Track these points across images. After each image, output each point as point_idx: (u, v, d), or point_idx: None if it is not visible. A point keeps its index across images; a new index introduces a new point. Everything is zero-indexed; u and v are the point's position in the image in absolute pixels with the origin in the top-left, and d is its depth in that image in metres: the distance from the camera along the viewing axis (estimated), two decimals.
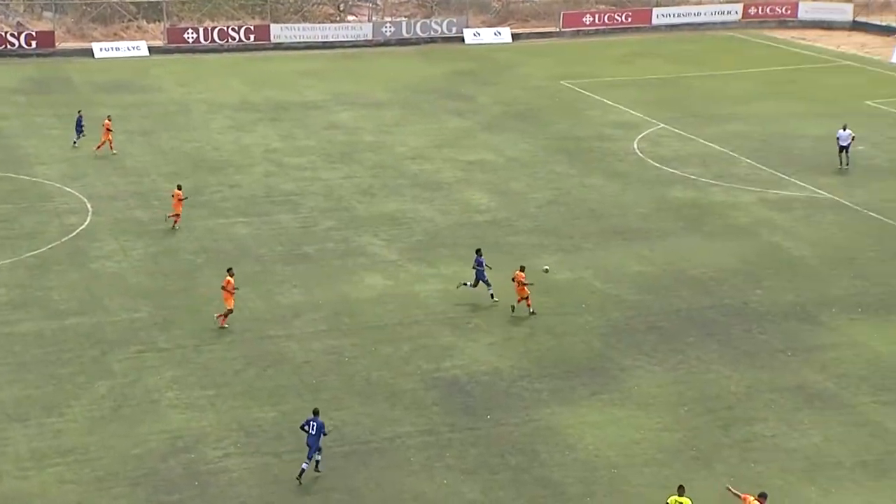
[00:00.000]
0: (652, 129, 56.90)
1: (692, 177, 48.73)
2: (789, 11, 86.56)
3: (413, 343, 33.20)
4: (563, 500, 25.52)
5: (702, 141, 54.48)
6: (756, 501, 22.91)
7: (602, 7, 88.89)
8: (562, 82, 68.27)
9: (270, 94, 65.16)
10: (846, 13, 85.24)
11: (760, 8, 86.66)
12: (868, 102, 61.28)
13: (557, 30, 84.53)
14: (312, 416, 26.43)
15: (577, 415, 29.08)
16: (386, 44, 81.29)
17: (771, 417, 28.66)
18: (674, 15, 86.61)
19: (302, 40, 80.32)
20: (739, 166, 50.21)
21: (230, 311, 33.94)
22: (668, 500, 23.70)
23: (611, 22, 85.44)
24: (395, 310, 35.47)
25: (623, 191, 47.11)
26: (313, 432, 26.15)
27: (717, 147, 53.32)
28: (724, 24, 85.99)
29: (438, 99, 64.33)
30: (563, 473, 26.49)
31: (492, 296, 35.72)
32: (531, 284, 34.86)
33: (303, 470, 26.20)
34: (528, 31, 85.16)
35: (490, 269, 35.82)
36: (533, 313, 34.73)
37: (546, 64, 73.92)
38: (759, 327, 33.81)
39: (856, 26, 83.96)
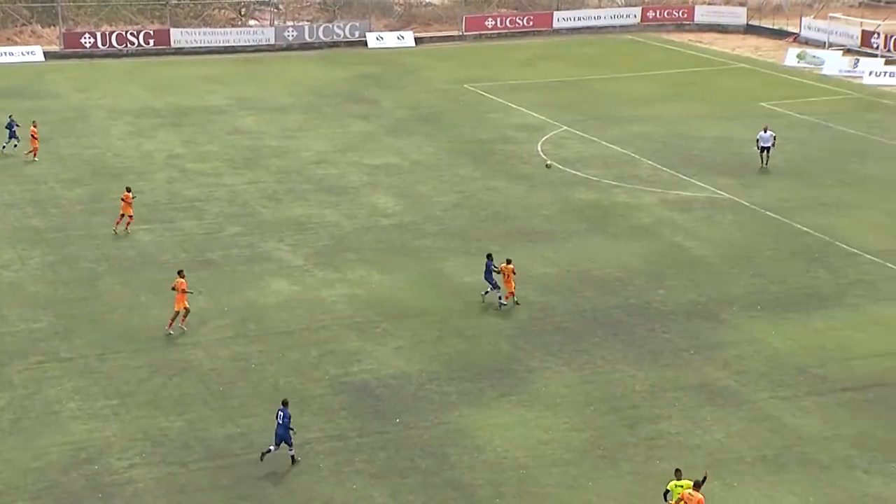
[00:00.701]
0: (555, 132, 57.44)
1: (595, 178, 49.30)
2: (686, 15, 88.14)
3: (321, 348, 33.02)
4: (473, 502, 25.59)
5: (604, 143, 55.15)
6: (692, 493, 23.36)
7: (504, 11, 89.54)
8: (465, 85, 68.56)
9: (172, 100, 64.30)
10: (740, 17, 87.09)
11: (658, 12, 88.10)
12: (763, 104, 62.65)
13: (460, 33, 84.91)
14: (282, 406, 26.88)
15: (486, 416, 29.19)
16: (289, 48, 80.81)
17: (675, 415, 29.10)
18: (574, 18, 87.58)
19: (203, 45, 79.44)
20: (641, 168, 50.94)
21: (187, 310, 33.67)
22: (669, 486, 23.91)
23: (513, 25, 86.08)
24: (302, 315, 35.25)
25: (527, 193, 47.46)
26: (282, 421, 26.68)
27: (618, 149, 54.03)
28: (624, 28, 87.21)
29: (342, 103, 64.13)
30: (472, 475, 26.56)
31: (485, 293, 35.96)
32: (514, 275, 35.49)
33: (269, 450, 26.77)
34: (431, 34, 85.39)
35: (497, 271, 35.62)
36: (504, 305, 35.29)
37: (449, 67, 74.17)
38: (663, 326, 34.32)
39: (749, 29, 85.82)
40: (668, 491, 24.00)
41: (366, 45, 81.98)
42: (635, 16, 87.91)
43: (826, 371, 31.19)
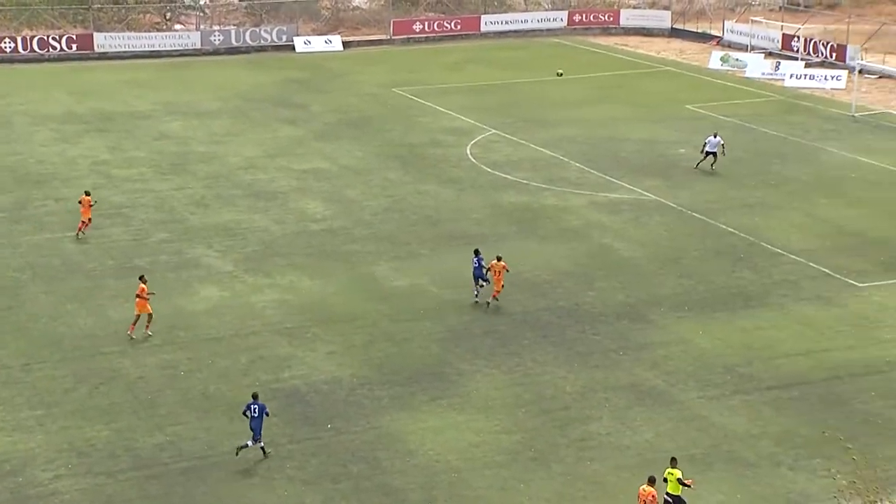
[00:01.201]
0: (484, 135, 57.62)
1: (524, 181, 49.54)
2: (612, 19, 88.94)
3: (251, 354, 32.76)
4: None
5: (532, 146, 55.43)
6: (646, 488, 23.79)
7: (432, 15, 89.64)
8: (394, 89, 68.51)
9: (96, 105, 63.44)
10: (665, 21, 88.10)
11: (584, 15, 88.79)
12: (688, 106, 63.43)
13: (388, 37, 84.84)
14: (252, 400, 27.17)
15: (418, 420, 29.18)
16: (215, 52, 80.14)
17: (605, 416, 29.33)
18: (502, 22, 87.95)
19: (128, 49, 78.53)
20: (569, 170, 51.28)
21: (150, 315, 33.43)
22: (665, 474, 24.44)
23: (441, 29, 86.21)
24: (231, 321, 34.95)
25: (457, 196, 47.55)
26: (255, 415, 26.93)
27: (547, 152, 54.35)
28: (551, 31, 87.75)
29: (270, 108, 63.74)
30: (404, 480, 26.53)
31: (476, 293, 36.24)
32: (507, 272, 35.77)
33: (245, 445, 27.05)
34: (359, 38, 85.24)
35: (487, 269, 36.08)
36: (489, 303, 35.58)
37: (378, 71, 74.08)
38: (593, 328, 34.58)
39: (674, 33, 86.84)
40: (665, 479, 24.56)
41: (293, 49, 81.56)
42: (562, 19, 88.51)
43: (752, 370, 31.64)
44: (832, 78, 68.78)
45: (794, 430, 28.47)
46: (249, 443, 27.14)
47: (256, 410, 27.12)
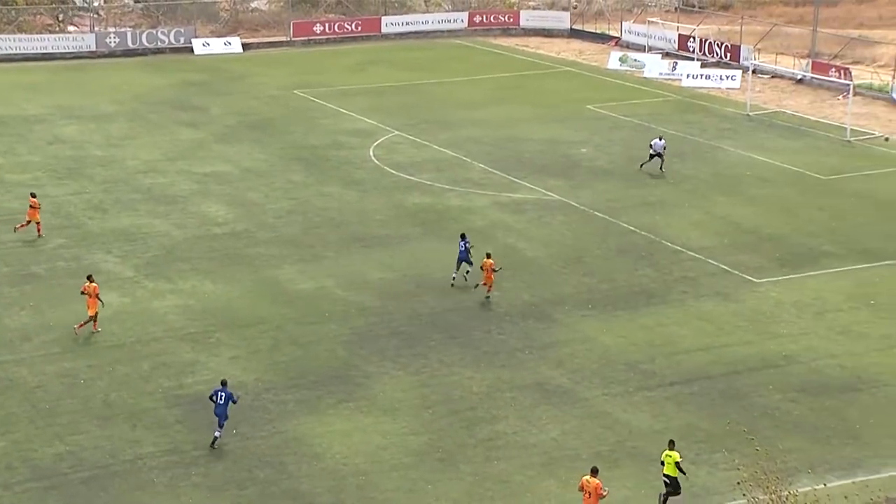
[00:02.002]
0: (386, 137, 57.58)
1: (428, 182, 49.63)
2: (512, 20, 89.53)
3: (153, 361, 32.27)
4: None
5: (436, 147, 55.56)
6: (589, 479, 24.23)
7: (332, 16, 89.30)
8: (295, 91, 68.09)
9: None
10: (564, 21, 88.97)
11: (485, 16, 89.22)
12: (589, 106, 64.17)
13: (288, 39, 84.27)
14: (220, 386, 27.64)
15: (324, 424, 29.05)
16: (111, 55, 78.76)
17: (512, 415, 29.52)
18: (402, 23, 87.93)
19: (19, 52, 76.80)
20: (473, 171, 51.51)
21: (96, 314, 33.51)
22: (662, 457, 25.24)
23: (341, 31, 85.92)
24: (132, 328, 34.39)
25: (361, 198, 47.44)
26: (221, 402, 27.34)
27: (450, 153, 54.52)
28: (452, 32, 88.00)
29: (169, 110, 62.86)
30: (311, 484, 26.38)
31: (465, 277, 37.53)
32: (499, 270, 36.40)
33: (215, 438, 27.47)
34: (258, 40, 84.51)
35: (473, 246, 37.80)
36: (487, 298, 36.32)
37: (279, 73, 73.55)
38: (498, 328, 34.78)
39: (573, 34, 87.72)
40: (662, 462, 25.33)
41: (192, 51, 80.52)
42: (462, 20, 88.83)
43: (654, 366, 32.14)
44: (727, 78, 70.17)
45: (695, 424, 28.99)
46: (217, 433, 27.54)
47: (222, 398, 27.44)
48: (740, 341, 33.69)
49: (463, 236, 37.89)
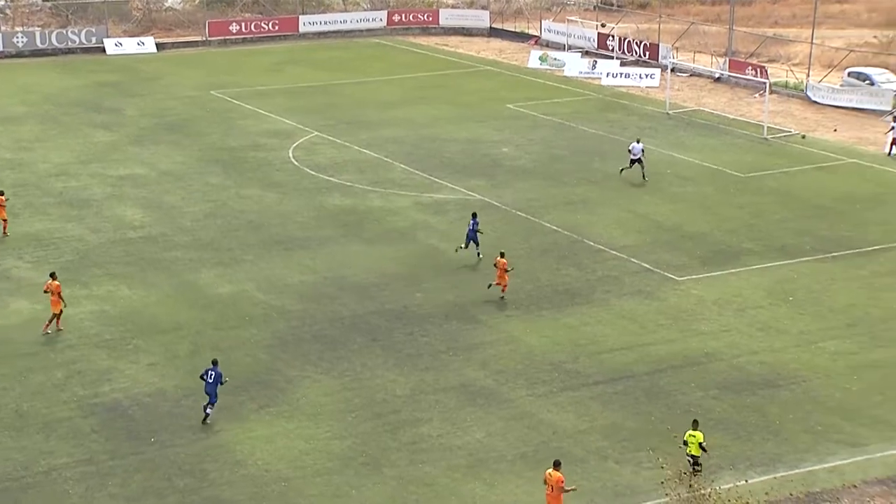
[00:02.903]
0: (306, 137, 57.28)
1: (349, 183, 49.45)
2: (431, 19, 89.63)
3: (67, 369, 31.70)
4: None
5: (356, 147, 55.39)
6: (551, 472, 24.42)
7: (248, 15, 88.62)
8: (212, 92, 67.45)
9: None
10: (483, 20, 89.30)
11: (404, 15, 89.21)
12: (510, 106, 64.46)
13: (204, 39, 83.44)
14: (212, 365, 28.93)
15: (246, 430, 28.78)
16: (19, 55, 77.31)
17: (436, 417, 29.52)
18: (320, 23, 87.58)
19: None
20: (394, 171, 51.45)
21: (60, 312, 33.52)
22: (686, 437, 26.02)
23: (258, 30, 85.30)
24: (45, 335, 33.73)
25: (281, 200, 47.13)
26: (211, 380, 28.63)
27: (371, 153, 54.39)
28: (371, 32, 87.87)
29: (82, 112, 61.86)
30: (233, 491, 26.12)
31: (478, 255, 39.73)
32: (511, 270, 36.49)
33: (207, 414, 28.71)
34: (173, 40, 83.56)
35: (482, 233, 40.00)
36: (502, 298, 36.44)
37: (195, 74, 72.79)
38: (421, 329, 34.76)
39: (493, 33, 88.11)
40: (685, 442, 26.05)
41: (104, 51, 79.36)
42: (381, 19, 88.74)
43: (578, 366, 32.37)
44: (646, 76, 70.98)
45: (620, 423, 29.24)
46: (209, 410, 28.73)
47: (213, 376, 28.69)
48: (663, 339, 34.07)
49: (474, 215, 40.09)
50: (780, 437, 28.32)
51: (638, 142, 50.43)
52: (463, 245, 39.89)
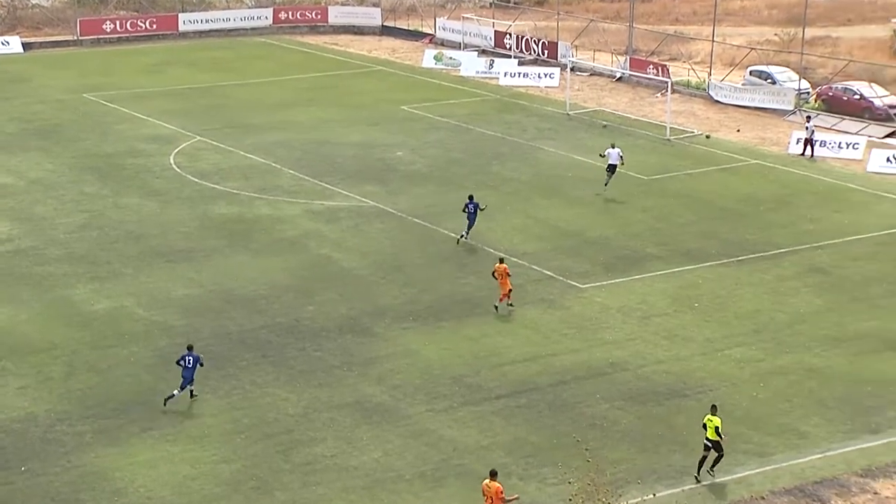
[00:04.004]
0: (188, 143, 56.65)
1: (235, 191, 49.02)
2: (320, 16, 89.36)
3: None
4: None
5: (242, 153, 54.95)
6: (489, 483, 24.65)
7: (124, 13, 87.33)
8: (85, 95, 66.37)
9: None
10: (375, 18, 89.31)
11: (291, 13, 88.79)
12: (404, 107, 64.56)
13: (75, 38, 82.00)
14: (187, 350, 30.52)
15: (127, 455, 28.32)
16: None
17: (330, 437, 29.39)
18: (202, 21, 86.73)
19: None
20: (283, 177, 51.15)
21: None
22: (704, 421, 27.25)
23: (134, 29, 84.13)
24: None
25: (162, 209, 46.54)
26: (189, 366, 30.18)
27: (258, 158, 54.00)
28: (256, 30, 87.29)
29: None
30: None
31: (463, 235, 41.91)
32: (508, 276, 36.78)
33: (172, 395, 30.22)
34: (41, 39, 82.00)
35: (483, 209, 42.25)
36: (510, 305, 36.70)
37: (66, 76, 71.56)
38: (314, 344, 34.58)
39: (385, 31, 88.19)
40: (704, 425, 27.21)
41: None
42: (267, 17, 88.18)
43: (480, 379, 32.50)
44: (546, 76, 71.70)
45: (522, 437, 29.44)
46: (176, 393, 30.09)
47: (190, 361, 30.22)
48: (567, 349, 34.41)
49: (471, 198, 42.36)
50: (687, 449, 28.78)
51: (613, 146, 48.82)
52: (465, 233, 42.22)
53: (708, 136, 58.13)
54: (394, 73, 75.04)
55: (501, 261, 37.43)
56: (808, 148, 54.77)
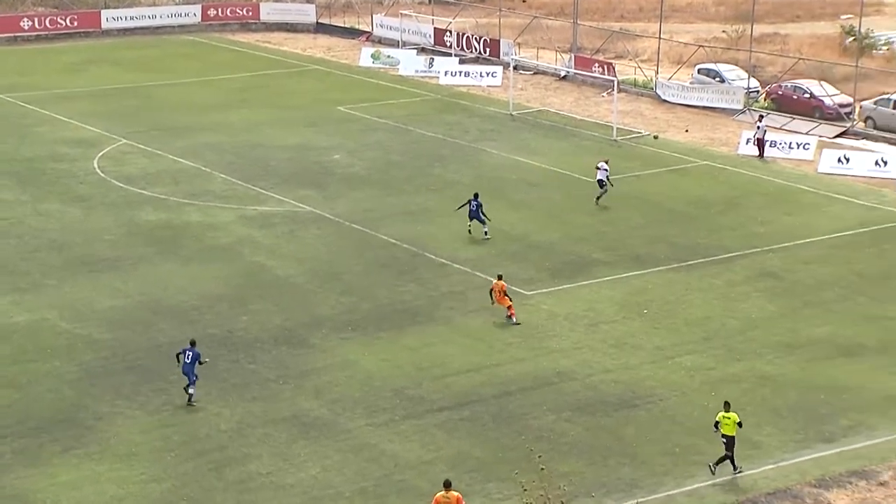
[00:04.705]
0: (113, 146, 56.21)
1: (163, 196, 48.68)
2: (251, 13, 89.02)
3: None
4: None
5: (171, 156, 54.58)
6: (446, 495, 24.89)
7: (42, 10, 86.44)
8: (1, 96, 65.60)
9: None
10: (309, 15, 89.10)
11: (220, 10, 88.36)
12: (340, 108, 64.46)
13: None
14: (189, 346, 31.32)
15: (49, 476, 27.99)
16: None
17: (266, 453, 29.24)
18: (126, 18, 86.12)
19: None
20: (214, 182, 50.86)
21: None
22: (717, 417, 28.12)
23: (54, 26, 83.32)
24: None
25: (86, 216, 46.14)
26: (188, 361, 30.99)
27: (188, 162, 53.66)
28: (184, 28, 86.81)
29: None
30: None
31: (485, 234, 43.72)
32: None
33: (190, 395, 31.22)
34: None
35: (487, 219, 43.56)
36: (517, 323, 36.44)
37: None
38: (248, 356, 34.40)
39: (320, 29, 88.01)
40: (717, 422, 28.08)
41: None
42: (195, 14, 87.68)
43: (422, 391, 32.50)
44: (488, 74, 71.93)
45: (466, 451, 29.46)
46: (191, 390, 31.20)
47: (190, 356, 31.01)
48: (512, 359, 34.49)
49: (476, 196, 43.87)
50: (637, 461, 28.96)
51: (607, 162, 48.44)
52: (469, 227, 43.77)
53: (656, 137, 58.63)
54: (330, 72, 74.89)
55: (500, 277, 37.54)
56: (760, 148, 55.41)
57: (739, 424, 28.04)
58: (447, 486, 25.08)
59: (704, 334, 36.17)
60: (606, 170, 48.12)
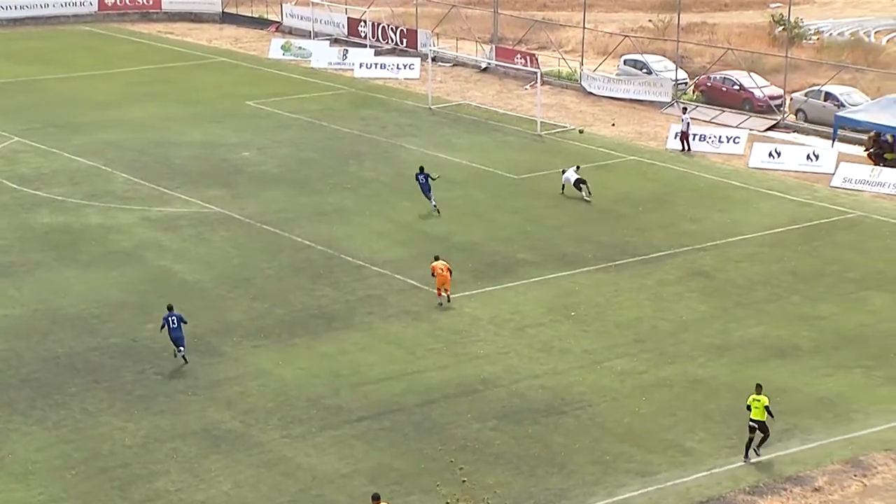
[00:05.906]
0: (4, 144, 55.58)
1: (60, 198, 48.21)
2: (152, 2, 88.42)
3: None
4: None
5: (67, 155, 54.04)
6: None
7: None
8: None
9: None
10: (215, 4, 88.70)
11: None
12: (249, 103, 64.23)
13: None
14: (168, 311, 33.22)
15: None
16: None
17: (174, 469, 29.08)
18: (16, 6, 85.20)
19: None
20: (115, 182, 50.44)
21: None
22: (748, 401, 29.03)
23: None
24: None
25: None
26: (175, 325, 33.00)
27: (86, 161, 53.16)
28: (79, 18, 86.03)
29: None
30: None
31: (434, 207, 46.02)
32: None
33: (184, 358, 33.46)
34: None
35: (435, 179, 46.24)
36: (448, 301, 38.30)
37: None
38: (154, 366, 34.19)
39: (226, 18, 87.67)
40: (748, 405, 29.05)
41: None
42: (92, 3, 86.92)
43: (340, 401, 32.52)
44: (405, 67, 72.09)
45: (388, 463, 29.53)
46: (183, 353, 33.33)
47: (175, 321, 33.04)
48: (434, 366, 34.63)
49: (421, 169, 46.48)
50: (566, 470, 29.23)
51: (577, 168, 49.22)
52: (434, 204, 46.25)
53: (581, 131, 59.14)
54: (237, 64, 74.54)
55: (437, 258, 38.51)
56: (685, 142, 56.07)
57: (767, 409, 28.91)
58: (376, 500, 25.11)
59: (635, 337, 36.59)
60: (578, 176, 48.79)
